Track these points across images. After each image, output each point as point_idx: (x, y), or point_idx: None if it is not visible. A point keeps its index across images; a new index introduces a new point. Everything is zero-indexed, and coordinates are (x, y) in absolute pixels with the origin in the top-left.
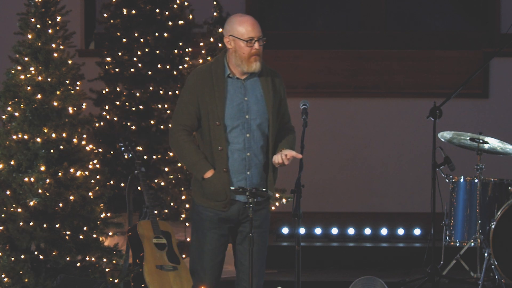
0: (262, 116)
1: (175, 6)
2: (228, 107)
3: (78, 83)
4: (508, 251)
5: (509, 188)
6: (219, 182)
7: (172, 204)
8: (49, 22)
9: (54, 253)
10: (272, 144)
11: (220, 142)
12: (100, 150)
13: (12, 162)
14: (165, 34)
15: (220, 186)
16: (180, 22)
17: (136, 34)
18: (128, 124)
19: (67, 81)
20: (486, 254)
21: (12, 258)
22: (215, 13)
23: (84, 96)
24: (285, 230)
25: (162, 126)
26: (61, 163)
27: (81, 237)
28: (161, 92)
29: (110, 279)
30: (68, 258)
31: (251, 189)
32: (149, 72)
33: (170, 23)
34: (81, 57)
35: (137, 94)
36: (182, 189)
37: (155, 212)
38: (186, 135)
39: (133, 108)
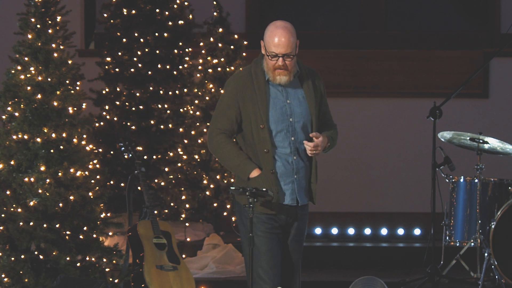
0: (306, 118)
1: (175, 6)
2: (271, 110)
3: (78, 83)
4: (508, 251)
5: (509, 188)
6: (266, 184)
7: (172, 204)
8: (49, 22)
9: (54, 253)
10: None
11: (266, 144)
12: (100, 150)
13: (12, 162)
14: (165, 34)
15: (266, 185)
16: (180, 22)
17: (136, 34)
18: (128, 124)
19: (67, 81)
20: (486, 254)
21: (12, 258)
22: (215, 13)
23: (84, 96)
24: None
25: (162, 126)
26: (61, 163)
27: (81, 237)
28: (161, 92)
29: (110, 279)
30: (68, 258)
31: (251, 189)
32: (149, 72)
33: (170, 23)
34: (81, 57)
35: (137, 94)
36: (182, 189)
37: (155, 212)
38: (226, 137)
39: (133, 108)
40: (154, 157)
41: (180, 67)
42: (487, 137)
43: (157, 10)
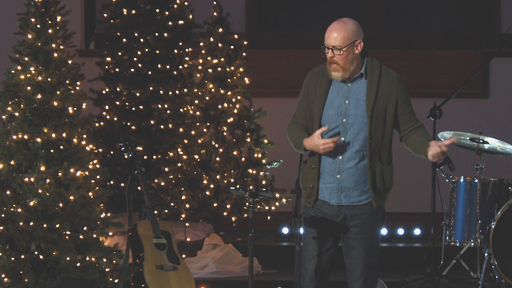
0: (361, 120)
1: (175, 6)
2: (327, 109)
3: (78, 83)
4: (508, 251)
5: (509, 188)
6: (306, 177)
7: (172, 204)
8: (49, 22)
9: (54, 253)
10: (373, 149)
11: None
12: (100, 150)
13: (12, 162)
14: (165, 34)
15: (307, 182)
16: (180, 22)
17: (136, 34)
18: (128, 124)
19: (67, 81)
20: (486, 254)
21: (12, 258)
22: (215, 13)
23: (84, 96)
24: (285, 230)
25: (162, 126)
26: (61, 163)
27: (81, 237)
28: (161, 92)
29: (110, 279)
30: (68, 258)
31: (251, 189)
32: (149, 72)
33: (170, 23)
34: (81, 57)
35: (137, 94)
36: (182, 189)
37: (155, 212)
38: (293, 125)
39: (133, 108)
40: (154, 157)
41: (180, 67)
42: (487, 137)
43: (157, 10)
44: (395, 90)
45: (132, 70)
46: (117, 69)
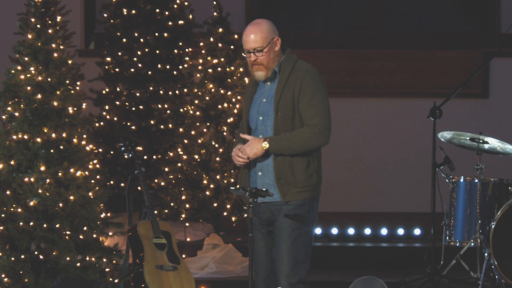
0: (271, 117)
1: (175, 6)
2: (251, 109)
3: (78, 83)
4: (508, 251)
5: (509, 188)
6: (241, 178)
7: (172, 204)
8: (49, 22)
9: (54, 253)
10: None
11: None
12: (100, 150)
13: (12, 162)
14: (165, 34)
15: (241, 182)
16: (180, 22)
17: (136, 34)
18: (128, 124)
19: (67, 81)
20: (486, 254)
21: (12, 258)
22: (215, 13)
23: (84, 96)
24: None
25: (162, 126)
26: (61, 163)
27: (81, 237)
28: (161, 92)
29: (110, 279)
30: (68, 258)
31: (251, 189)
32: (149, 72)
33: (170, 23)
34: (81, 57)
35: (137, 94)
36: (182, 189)
37: (155, 212)
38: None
39: (133, 108)
40: (154, 157)
41: (180, 67)
42: (487, 137)
43: (157, 10)
44: (299, 84)
45: (132, 70)
46: (117, 69)
